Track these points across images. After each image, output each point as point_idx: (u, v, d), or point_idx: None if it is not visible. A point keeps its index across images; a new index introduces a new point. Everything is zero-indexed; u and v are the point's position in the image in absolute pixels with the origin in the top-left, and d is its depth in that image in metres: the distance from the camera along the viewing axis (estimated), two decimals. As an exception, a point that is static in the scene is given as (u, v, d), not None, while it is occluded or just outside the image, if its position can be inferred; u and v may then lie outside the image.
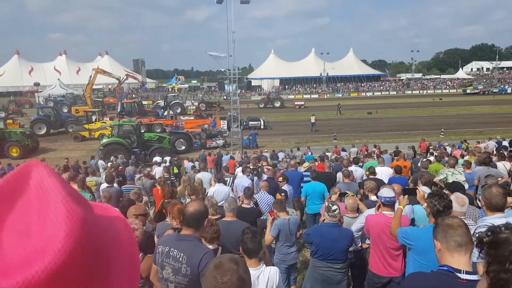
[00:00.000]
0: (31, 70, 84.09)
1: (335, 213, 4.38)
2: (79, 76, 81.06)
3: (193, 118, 35.95)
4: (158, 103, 48.11)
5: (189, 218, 2.80)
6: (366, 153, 17.11)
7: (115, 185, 8.71)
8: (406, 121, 36.89)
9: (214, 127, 30.12)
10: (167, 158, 18.08)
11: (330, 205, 4.46)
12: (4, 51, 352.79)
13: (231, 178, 9.95)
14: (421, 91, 77.98)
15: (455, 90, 75.01)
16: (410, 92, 78.26)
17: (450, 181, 6.99)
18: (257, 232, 3.28)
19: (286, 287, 5.04)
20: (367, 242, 4.84)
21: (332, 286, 4.39)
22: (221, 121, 31.86)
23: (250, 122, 33.88)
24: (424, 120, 37.52)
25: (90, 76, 42.23)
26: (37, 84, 60.33)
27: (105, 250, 0.61)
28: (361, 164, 11.36)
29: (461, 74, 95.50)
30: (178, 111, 42.47)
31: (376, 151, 17.48)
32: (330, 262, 4.35)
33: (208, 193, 7.71)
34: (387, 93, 78.23)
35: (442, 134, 27.17)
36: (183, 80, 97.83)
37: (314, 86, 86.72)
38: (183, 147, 25.30)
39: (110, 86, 63.24)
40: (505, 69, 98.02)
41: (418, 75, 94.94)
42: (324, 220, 4.53)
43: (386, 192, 4.27)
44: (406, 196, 4.00)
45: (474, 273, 2.03)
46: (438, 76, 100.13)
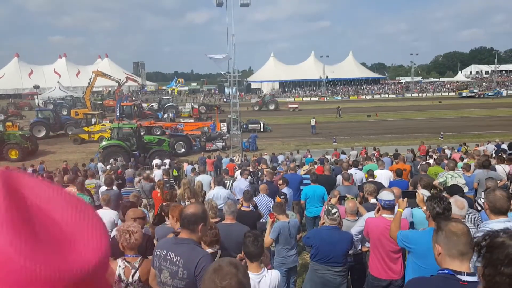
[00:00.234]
0: (31, 73, 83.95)
1: (335, 216, 4.37)
2: (79, 78, 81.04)
3: (192, 120, 35.95)
4: (152, 106, 47.63)
5: (186, 221, 2.77)
6: (365, 156, 17.11)
7: (114, 188, 8.70)
8: (406, 124, 36.91)
9: (214, 130, 30.12)
10: (167, 161, 18.06)
11: (330, 208, 4.45)
12: (3, 54, 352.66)
13: (231, 181, 9.94)
14: (420, 94, 78.11)
15: (454, 93, 75.16)
16: (409, 95, 78.40)
17: (449, 184, 6.99)
18: (259, 235, 3.27)
19: (286, 290, 5.02)
20: (367, 245, 4.83)
21: (331, 289, 4.38)
22: (221, 123, 31.86)
23: (250, 125, 33.88)
24: (423, 123, 37.52)
25: (90, 78, 42.19)
26: (36, 86, 60.38)
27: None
28: (360, 167, 11.35)
29: (460, 77, 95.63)
30: (171, 115, 42.01)
31: (375, 154, 17.49)
32: (329, 265, 4.34)
33: (207, 196, 7.70)
34: (387, 96, 78.37)
35: (441, 137, 27.20)
36: (183, 82, 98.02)
37: (314, 89, 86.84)
38: (183, 150, 25.29)
39: (110, 89, 63.27)
40: (504, 72, 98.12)
41: (418, 78, 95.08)
42: (323, 223, 4.52)
43: (386, 195, 4.26)
44: (406, 199, 3.99)
45: (474, 274, 2.02)
46: (438, 79, 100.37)
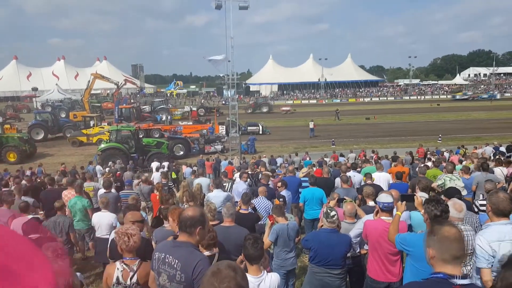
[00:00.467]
0: (29, 75, 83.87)
1: (334, 219, 4.38)
2: (77, 81, 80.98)
3: (191, 123, 35.94)
4: (144, 109, 46.42)
5: (184, 224, 2.77)
6: (364, 158, 17.12)
7: (113, 190, 8.68)
8: (404, 126, 36.99)
9: (212, 133, 30.13)
10: (165, 164, 18.04)
11: (328, 211, 4.46)
12: (2, 56, 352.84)
13: (230, 184, 9.94)
14: (418, 97, 78.37)
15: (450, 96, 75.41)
16: (407, 97, 78.67)
17: (448, 186, 7.00)
18: (258, 238, 3.28)
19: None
20: (365, 247, 4.83)
21: (330, 292, 4.38)
22: (219, 126, 31.86)
23: (249, 128, 33.93)
24: (421, 125, 37.62)
25: (89, 81, 42.14)
26: (35, 89, 60.38)
27: None
28: (359, 169, 11.36)
29: (458, 80, 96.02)
30: (169, 117, 41.57)
31: (374, 157, 17.50)
32: (328, 268, 4.34)
33: (206, 198, 7.69)
34: (385, 98, 78.60)
35: (439, 139, 27.26)
36: (182, 85, 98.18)
37: (312, 91, 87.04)
38: (182, 153, 25.30)
39: (109, 91, 63.19)
40: (502, 75, 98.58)
41: (416, 81, 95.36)
42: (322, 225, 4.53)
43: (385, 197, 4.27)
44: (404, 202, 4.00)
45: (467, 277, 2.03)
46: (436, 82, 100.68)
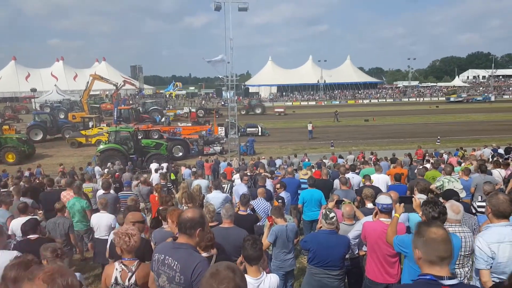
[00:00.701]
0: (28, 76, 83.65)
1: (333, 220, 4.39)
2: (76, 82, 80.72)
3: (190, 124, 35.92)
4: (137, 109, 45.50)
5: (184, 225, 2.77)
6: (363, 160, 17.15)
7: (112, 191, 8.67)
8: (403, 128, 37.07)
9: (212, 134, 30.12)
10: (164, 165, 18.04)
11: (327, 212, 4.47)
12: (1, 57, 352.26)
13: (229, 185, 9.96)
14: (417, 99, 78.52)
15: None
16: (406, 99, 78.82)
17: (446, 188, 7.01)
18: (258, 239, 3.29)
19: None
20: (364, 249, 4.84)
21: (329, 293, 4.38)
22: (218, 127, 31.85)
23: (248, 129, 33.92)
24: (420, 127, 37.70)
25: (87, 82, 42.10)
26: (34, 90, 60.16)
27: None
28: (358, 171, 11.39)
29: (457, 82, 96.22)
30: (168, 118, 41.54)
31: (373, 158, 17.53)
32: (327, 269, 4.35)
33: (205, 199, 7.70)
34: (384, 100, 78.69)
35: (438, 141, 27.31)
36: (181, 86, 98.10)
37: (312, 93, 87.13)
38: (181, 154, 25.30)
39: (108, 93, 63.10)
40: (500, 77, 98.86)
41: (415, 83, 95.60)
42: (321, 227, 4.54)
43: (383, 199, 4.28)
44: (402, 204, 4.01)
45: (455, 277, 2.06)
46: (435, 83, 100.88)
